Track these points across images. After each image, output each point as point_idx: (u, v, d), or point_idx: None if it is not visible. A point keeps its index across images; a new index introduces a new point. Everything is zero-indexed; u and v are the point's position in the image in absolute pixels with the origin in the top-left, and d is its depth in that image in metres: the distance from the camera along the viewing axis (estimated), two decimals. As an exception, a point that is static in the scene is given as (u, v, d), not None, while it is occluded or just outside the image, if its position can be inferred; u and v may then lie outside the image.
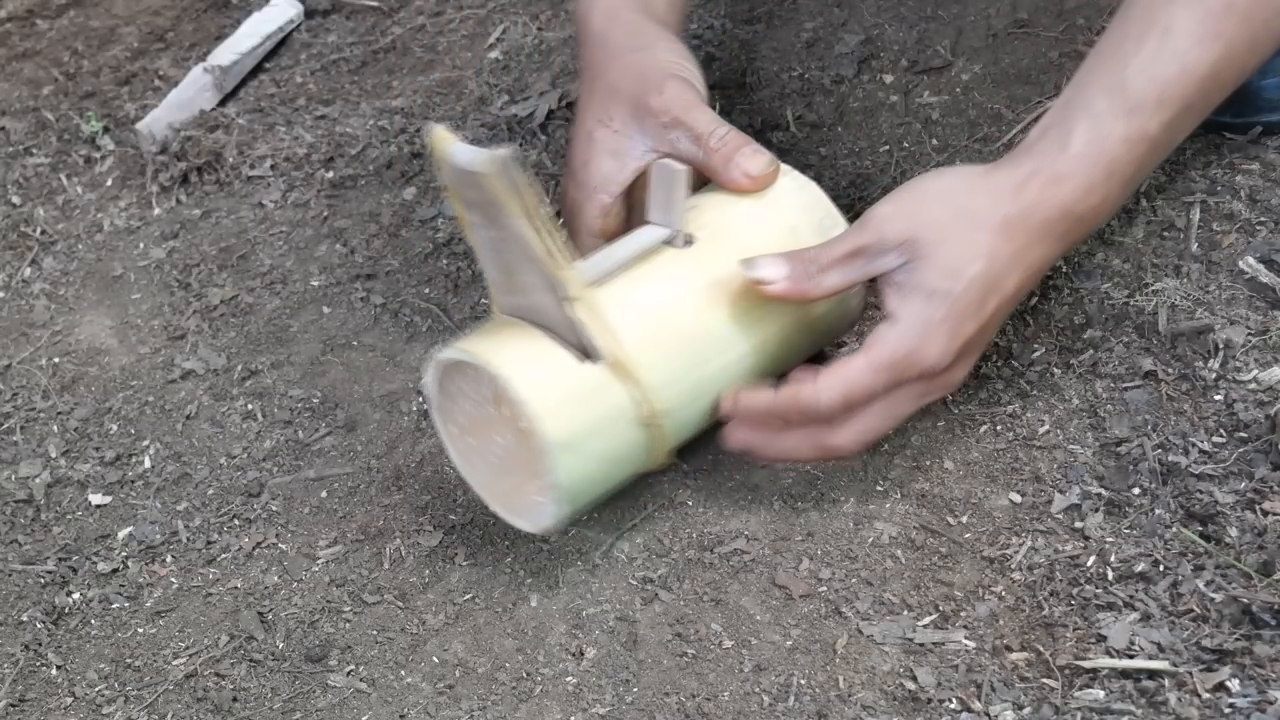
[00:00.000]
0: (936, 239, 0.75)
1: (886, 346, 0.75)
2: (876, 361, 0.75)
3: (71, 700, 0.83)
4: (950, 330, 0.75)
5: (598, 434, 0.76)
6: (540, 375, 0.75)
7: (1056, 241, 0.76)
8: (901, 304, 0.75)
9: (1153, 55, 0.74)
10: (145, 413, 1.02)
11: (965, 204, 0.75)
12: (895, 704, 0.72)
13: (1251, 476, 0.76)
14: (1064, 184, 0.75)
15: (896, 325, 0.75)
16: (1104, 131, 0.75)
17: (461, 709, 0.77)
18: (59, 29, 1.44)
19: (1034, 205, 0.75)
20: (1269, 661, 0.69)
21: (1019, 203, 0.75)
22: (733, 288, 0.80)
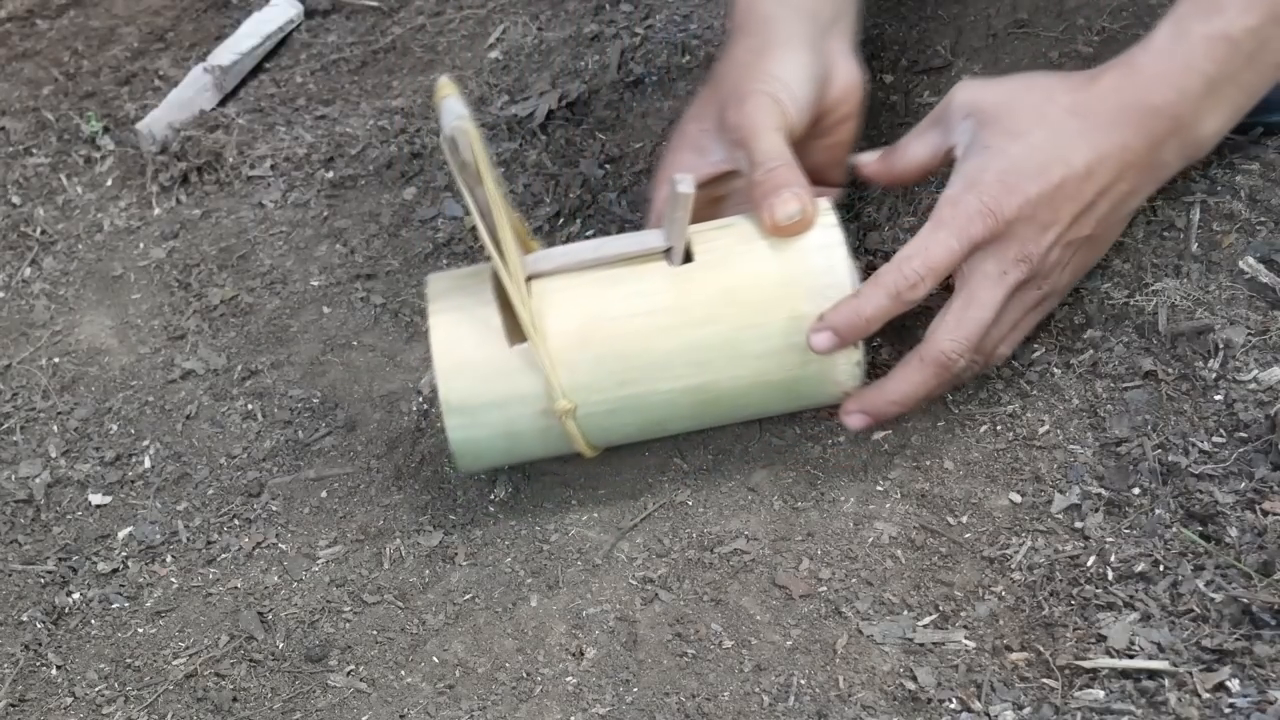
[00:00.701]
0: (1001, 105, 0.77)
1: (945, 202, 0.76)
2: (939, 217, 0.76)
3: (71, 700, 0.83)
4: (1004, 183, 0.75)
5: (496, 408, 0.79)
6: (459, 339, 0.79)
7: (1132, 129, 0.76)
8: (962, 161, 0.77)
9: None
10: (145, 413, 1.02)
11: (1040, 84, 0.77)
12: (895, 704, 0.72)
13: (1251, 476, 0.76)
14: (1138, 73, 0.75)
15: (954, 184, 0.76)
16: (1183, 29, 0.75)
17: (461, 709, 0.77)
18: (59, 29, 1.44)
19: (1106, 91, 0.76)
20: (1269, 661, 0.69)
21: (1091, 88, 0.76)
22: (701, 322, 0.79)
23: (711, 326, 0.79)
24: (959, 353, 0.78)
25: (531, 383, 0.79)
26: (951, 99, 0.79)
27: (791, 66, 0.85)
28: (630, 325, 0.79)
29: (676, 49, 1.18)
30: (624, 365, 0.79)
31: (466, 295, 0.81)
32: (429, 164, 1.16)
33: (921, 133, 0.81)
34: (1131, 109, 0.76)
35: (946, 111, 0.79)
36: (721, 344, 0.79)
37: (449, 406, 0.79)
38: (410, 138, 1.19)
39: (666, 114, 1.13)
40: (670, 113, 1.13)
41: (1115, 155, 0.76)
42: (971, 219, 0.76)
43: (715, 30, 1.19)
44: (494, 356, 0.79)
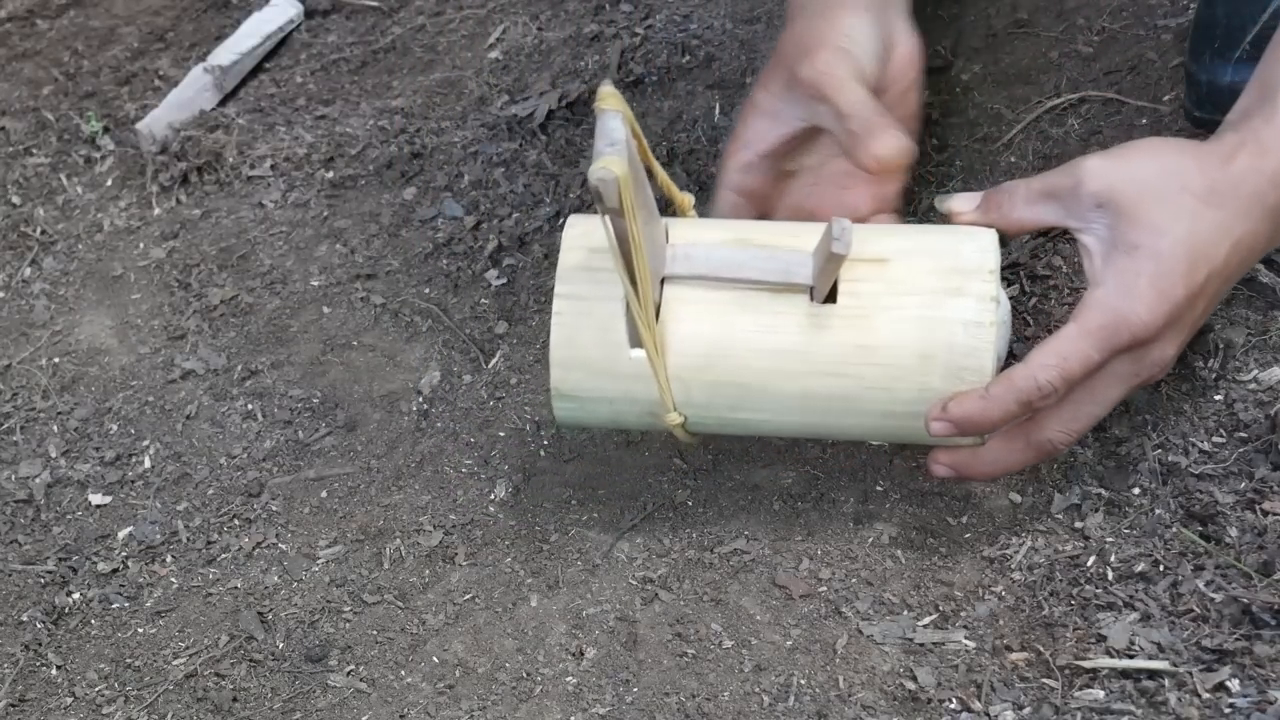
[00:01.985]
0: (1139, 196, 0.73)
1: (1095, 309, 0.72)
2: (1087, 326, 0.72)
3: (71, 700, 0.83)
4: (1158, 290, 0.72)
5: (606, 403, 0.79)
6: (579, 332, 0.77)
7: (1266, 217, 0.74)
8: (1106, 264, 0.73)
9: None
10: (145, 413, 1.02)
11: (1172, 167, 0.73)
12: (895, 704, 0.72)
13: (1251, 476, 0.76)
14: (1271, 155, 0.72)
15: (1102, 286, 0.72)
16: None
17: (461, 709, 0.77)
18: (59, 29, 1.44)
19: (1242, 175, 0.72)
20: (1269, 661, 0.69)
21: (1226, 171, 0.72)
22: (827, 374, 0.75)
23: (836, 380, 0.75)
24: (1066, 444, 0.75)
25: (645, 389, 0.77)
26: (1082, 183, 0.74)
27: (859, 25, 0.83)
28: (754, 361, 0.76)
29: (676, 49, 1.18)
30: (740, 394, 0.76)
31: (596, 284, 0.77)
32: (429, 164, 1.16)
33: (1034, 201, 0.76)
34: (1267, 193, 0.73)
35: (1075, 194, 0.74)
36: (843, 397, 0.76)
37: (558, 393, 0.78)
38: (410, 138, 1.19)
39: (666, 114, 1.13)
40: (670, 112, 1.13)
41: (1248, 243, 0.74)
42: (1119, 331, 0.72)
43: (715, 30, 1.19)
44: (611, 358, 0.77)
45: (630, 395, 0.78)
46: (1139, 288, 0.71)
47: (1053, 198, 0.75)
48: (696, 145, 1.09)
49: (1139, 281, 0.71)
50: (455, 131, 1.18)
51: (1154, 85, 0.99)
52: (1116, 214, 0.73)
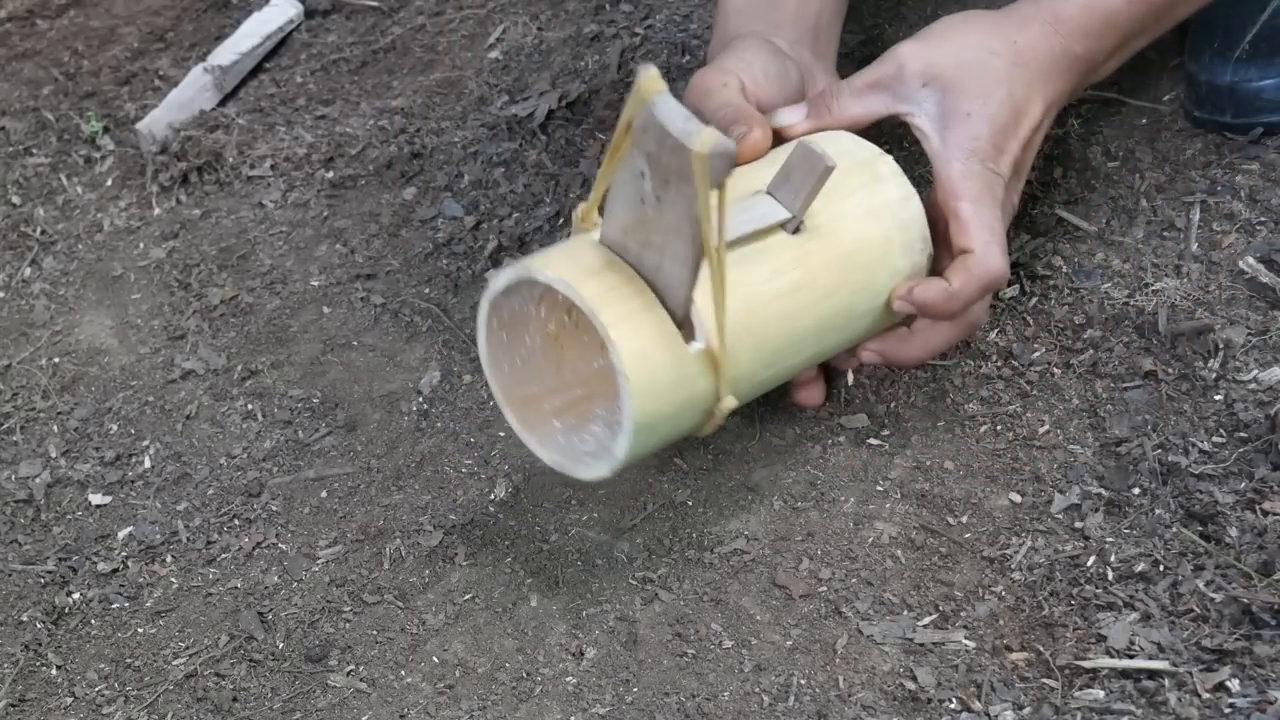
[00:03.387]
0: (958, 68, 0.79)
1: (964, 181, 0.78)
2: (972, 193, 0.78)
3: (71, 700, 0.83)
4: (996, 144, 0.80)
5: (673, 418, 0.75)
6: (646, 349, 0.72)
7: (1065, 75, 0.82)
8: (945, 139, 0.79)
9: None
10: (145, 413, 1.02)
11: (978, 39, 0.80)
12: (895, 704, 0.72)
13: (1251, 476, 0.76)
14: (1063, 24, 0.80)
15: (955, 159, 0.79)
16: None
17: (461, 709, 0.77)
18: (59, 29, 1.44)
19: (1037, 39, 0.80)
20: (1269, 661, 0.69)
21: (1025, 35, 0.80)
22: (829, 294, 0.78)
23: (836, 297, 0.78)
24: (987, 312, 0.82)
25: (705, 385, 0.75)
26: (904, 67, 0.80)
27: (747, 53, 0.86)
28: (777, 308, 0.77)
29: (676, 49, 1.18)
30: (771, 350, 0.77)
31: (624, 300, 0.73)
32: (429, 164, 1.16)
33: (861, 94, 0.82)
34: (1060, 57, 0.81)
35: (900, 79, 0.81)
36: (843, 311, 0.79)
37: (640, 426, 0.73)
38: (410, 138, 1.19)
39: (666, 114, 1.13)
40: (670, 113, 1.13)
41: (1054, 101, 0.82)
42: (993, 186, 0.79)
43: (715, 30, 1.19)
44: (678, 365, 0.74)
45: (692, 396, 0.75)
46: (982, 149, 0.79)
47: (879, 88, 0.81)
48: (696, 145, 1.09)
49: (980, 144, 0.79)
50: (455, 131, 1.18)
51: (1154, 85, 0.99)
52: (943, 89, 0.80)
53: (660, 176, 0.70)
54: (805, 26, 0.91)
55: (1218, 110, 0.92)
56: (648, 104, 0.68)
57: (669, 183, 0.69)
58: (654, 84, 0.68)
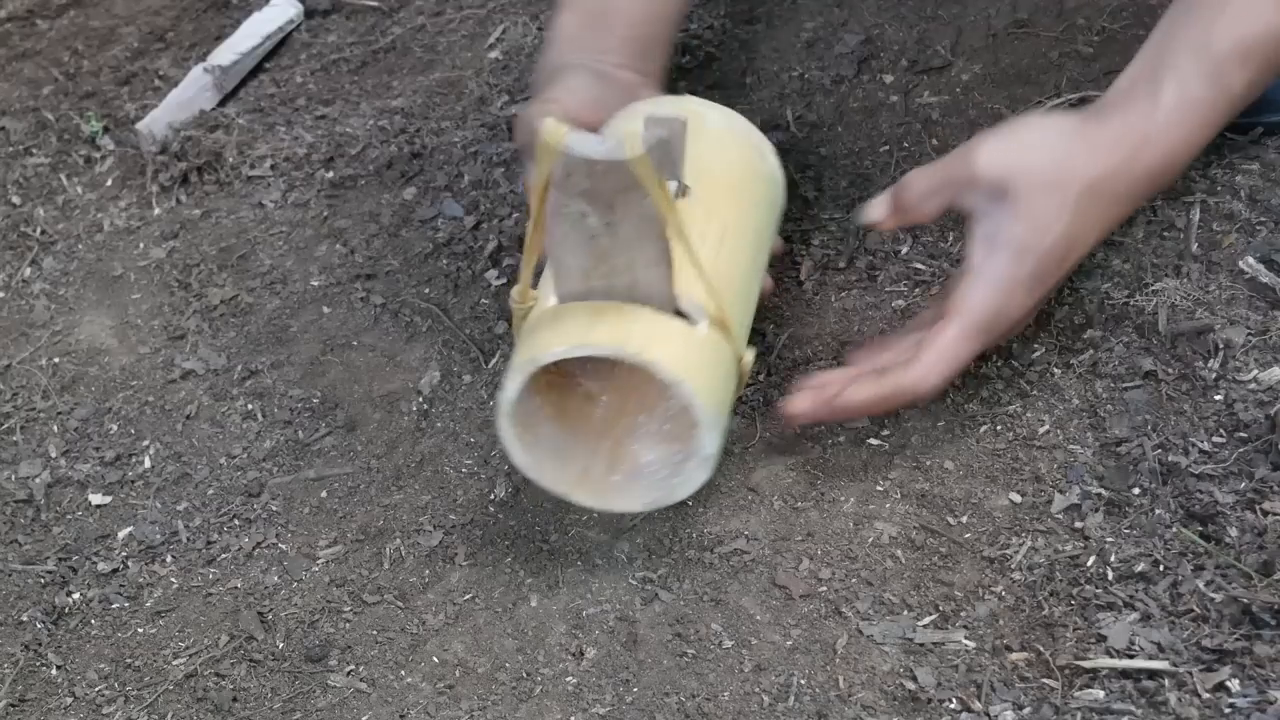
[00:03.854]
0: (1030, 189, 0.76)
1: (979, 310, 0.78)
2: (971, 327, 0.78)
3: (71, 700, 0.83)
4: (1033, 288, 0.78)
5: (725, 392, 0.78)
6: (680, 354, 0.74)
7: (1135, 201, 0.79)
8: (987, 258, 0.78)
9: (1236, 15, 0.76)
10: (145, 413, 1.02)
11: (1062, 154, 0.77)
12: (895, 704, 0.72)
13: (1251, 476, 0.76)
14: (1152, 146, 0.77)
15: (983, 282, 0.77)
16: (1191, 94, 0.76)
17: (461, 709, 0.77)
18: (59, 29, 1.44)
19: (1122, 165, 0.77)
20: (1269, 661, 0.69)
21: (1110, 161, 0.77)
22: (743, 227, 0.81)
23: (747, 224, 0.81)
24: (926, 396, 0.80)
25: (728, 351, 0.77)
26: (977, 173, 0.78)
27: (571, 80, 0.87)
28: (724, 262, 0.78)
29: (676, 49, 1.18)
30: (742, 298, 0.80)
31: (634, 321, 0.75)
32: (429, 164, 1.16)
33: (934, 193, 0.80)
34: (1141, 182, 0.78)
35: (971, 183, 0.78)
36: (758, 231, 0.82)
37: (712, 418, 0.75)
38: (410, 138, 1.19)
39: (666, 114, 1.13)
40: (670, 113, 1.13)
41: (1115, 226, 0.80)
42: (996, 326, 0.79)
43: (715, 30, 1.19)
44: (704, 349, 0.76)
45: (726, 368, 0.77)
46: (1018, 289, 0.78)
47: (949, 187, 0.79)
48: (696, 145, 1.09)
49: (1018, 281, 0.77)
50: (455, 131, 1.18)
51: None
52: (1009, 207, 0.77)
53: (604, 204, 0.71)
54: (633, 48, 0.92)
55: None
56: (561, 151, 0.69)
57: (614, 204, 0.71)
58: (557, 131, 0.69)
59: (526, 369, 0.75)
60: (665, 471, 0.79)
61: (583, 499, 0.81)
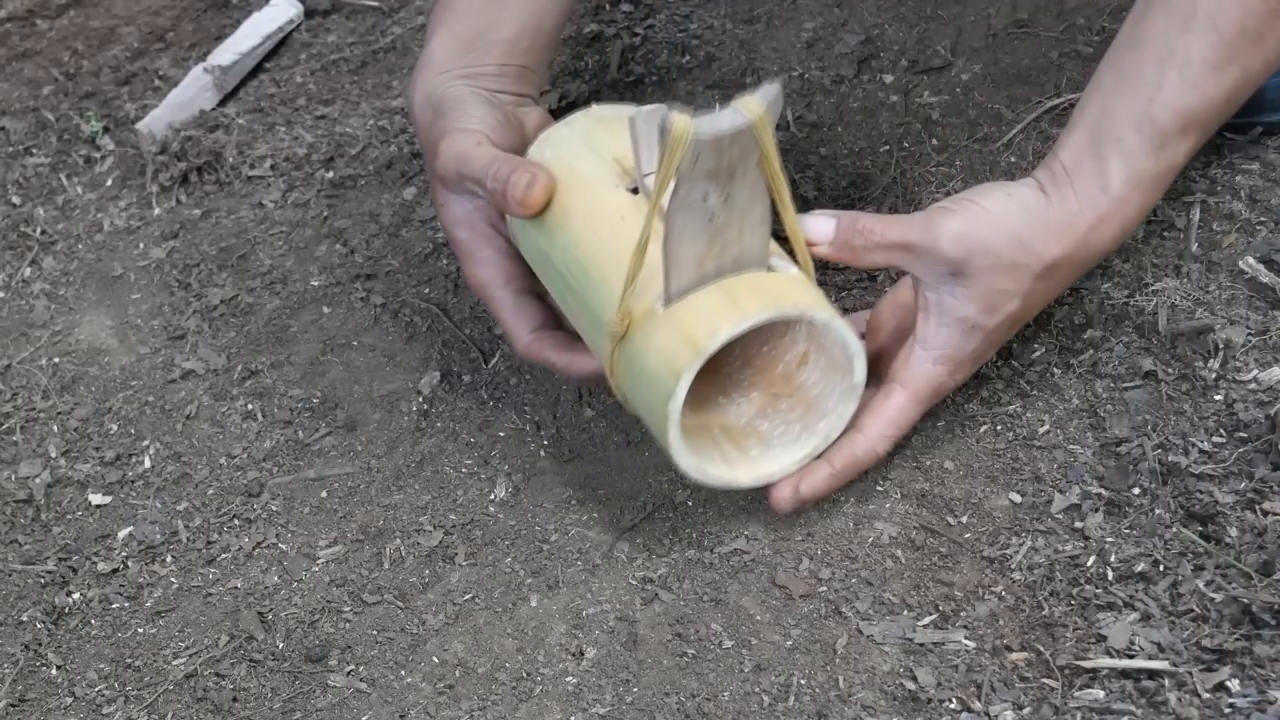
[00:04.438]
0: (986, 270, 0.77)
1: (924, 382, 0.80)
2: (918, 398, 0.80)
3: (71, 700, 0.83)
4: (976, 360, 0.81)
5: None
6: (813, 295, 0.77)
7: (1085, 271, 0.81)
8: (936, 331, 0.79)
9: (1175, 86, 0.76)
10: (145, 413, 1.02)
11: (1022, 235, 0.77)
12: (895, 704, 0.72)
13: (1251, 476, 0.76)
14: (1105, 226, 0.78)
15: (930, 356, 0.79)
16: (1138, 169, 0.77)
17: (461, 709, 0.77)
18: (59, 29, 1.44)
19: (1078, 247, 0.78)
20: (1269, 661, 0.69)
21: (1067, 244, 0.77)
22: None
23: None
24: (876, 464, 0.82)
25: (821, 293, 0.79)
26: (939, 247, 0.76)
27: (474, 110, 0.87)
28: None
29: (676, 49, 1.18)
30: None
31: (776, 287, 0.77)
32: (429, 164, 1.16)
33: (888, 249, 0.78)
34: (1093, 261, 0.80)
35: (931, 256, 0.77)
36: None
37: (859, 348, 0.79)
38: (410, 138, 1.19)
39: (666, 114, 1.13)
40: (670, 113, 1.13)
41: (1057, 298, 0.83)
42: (939, 394, 0.81)
43: (715, 30, 1.19)
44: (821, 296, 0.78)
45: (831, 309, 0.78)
46: (964, 361, 0.80)
47: (907, 251, 0.78)
48: (696, 145, 1.09)
49: (965, 357, 0.79)
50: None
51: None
52: (965, 285, 0.78)
53: (725, 176, 0.72)
54: (512, 73, 0.91)
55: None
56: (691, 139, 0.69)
57: (735, 174, 0.72)
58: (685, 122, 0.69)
59: (694, 365, 0.74)
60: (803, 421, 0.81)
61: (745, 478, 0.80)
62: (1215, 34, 0.75)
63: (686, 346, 0.74)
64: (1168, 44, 0.76)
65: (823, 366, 0.80)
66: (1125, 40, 0.79)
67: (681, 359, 0.74)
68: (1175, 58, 0.76)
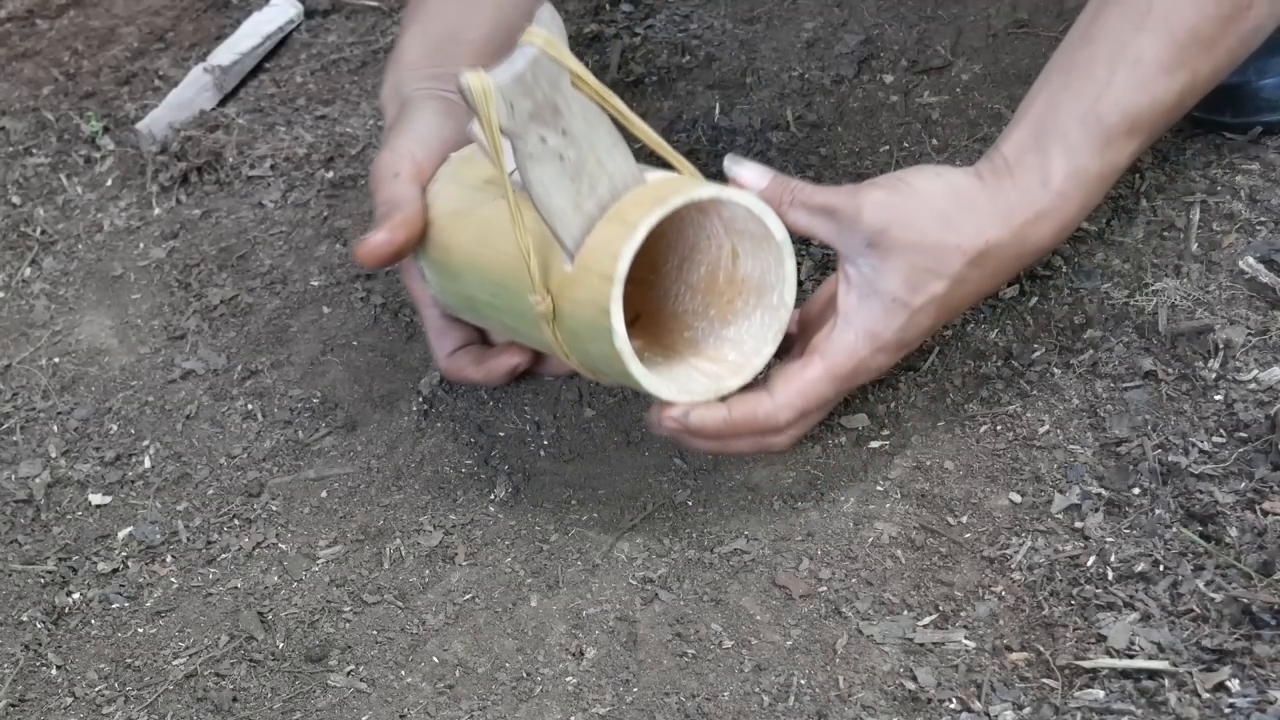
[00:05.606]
0: (910, 246, 0.75)
1: (844, 356, 0.77)
2: (834, 372, 0.77)
3: (71, 700, 0.83)
4: (900, 342, 0.77)
5: None
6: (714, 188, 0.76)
7: (1022, 268, 0.79)
8: (858, 306, 0.77)
9: (1124, 85, 0.75)
10: (145, 413, 1.02)
11: (950, 215, 0.75)
12: (895, 704, 0.72)
13: (1251, 476, 0.76)
14: (1044, 221, 0.76)
15: (851, 331, 0.77)
16: (1081, 166, 0.76)
17: (461, 709, 0.77)
18: (59, 29, 1.44)
19: (1012, 239, 0.76)
20: (1269, 661, 0.69)
21: (1000, 233, 0.76)
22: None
23: None
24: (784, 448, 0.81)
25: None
26: (860, 215, 0.75)
27: (419, 123, 0.87)
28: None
29: (676, 49, 1.18)
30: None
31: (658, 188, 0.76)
32: (429, 164, 1.16)
33: (813, 213, 0.77)
34: (1029, 257, 0.78)
35: (852, 225, 0.76)
36: None
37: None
38: (410, 138, 1.19)
39: (666, 114, 1.13)
40: (670, 112, 1.13)
41: (991, 293, 0.82)
42: (858, 374, 0.78)
43: (715, 30, 1.19)
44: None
45: None
46: (886, 341, 0.77)
47: (830, 216, 0.77)
48: (697, 145, 1.09)
49: (888, 336, 0.76)
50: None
51: (1154, 85, 0.99)
52: (884, 258, 0.75)
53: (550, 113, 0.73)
54: None
55: (1216, 110, 0.92)
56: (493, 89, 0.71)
57: (558, 108, 0.73)
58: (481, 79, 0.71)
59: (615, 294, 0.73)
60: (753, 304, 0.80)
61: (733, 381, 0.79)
62: (1168, 35, 0.74)
63: (601, 282, 0.74)
64: (1120, 42, 0.75)
65: (751, 249, 0.79)
66: (1078, 35, 0.78)
67: (602, 295, 0.74)
68: (1126, 56, 0.75)
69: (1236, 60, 0.77)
